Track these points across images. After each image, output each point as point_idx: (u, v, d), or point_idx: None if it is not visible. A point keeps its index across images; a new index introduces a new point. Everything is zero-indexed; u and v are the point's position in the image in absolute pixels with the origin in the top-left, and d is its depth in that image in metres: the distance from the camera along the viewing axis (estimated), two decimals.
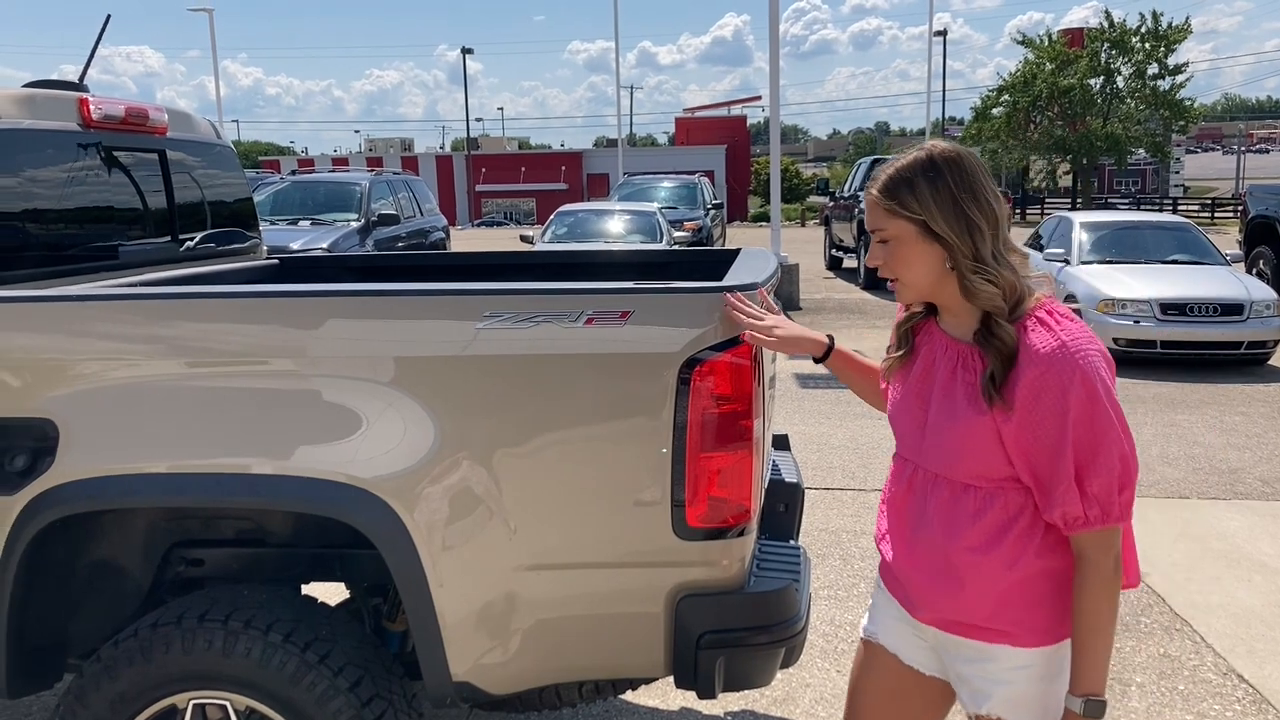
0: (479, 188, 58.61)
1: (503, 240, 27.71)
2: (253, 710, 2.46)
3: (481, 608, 2.41)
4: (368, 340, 2.49)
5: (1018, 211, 39.92)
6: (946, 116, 60.04)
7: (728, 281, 2.64)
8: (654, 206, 15.88)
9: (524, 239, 15.45)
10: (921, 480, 2.01)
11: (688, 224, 16.76)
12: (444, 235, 16.29)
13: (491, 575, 2.42)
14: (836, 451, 7.27)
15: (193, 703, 2.48)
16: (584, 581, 2.46)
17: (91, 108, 3.12)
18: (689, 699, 3.77)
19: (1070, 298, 10.82)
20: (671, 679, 2.60)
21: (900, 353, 2.07)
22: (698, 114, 63.18)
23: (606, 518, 2.44)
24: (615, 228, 14.66)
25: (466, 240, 29.39)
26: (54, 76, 3.43)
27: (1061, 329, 1.83)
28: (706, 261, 4.03)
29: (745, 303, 2.39)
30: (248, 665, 2.42)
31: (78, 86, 3.30)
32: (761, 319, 2.36)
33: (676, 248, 9.80)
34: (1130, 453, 1.83)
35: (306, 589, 2.94)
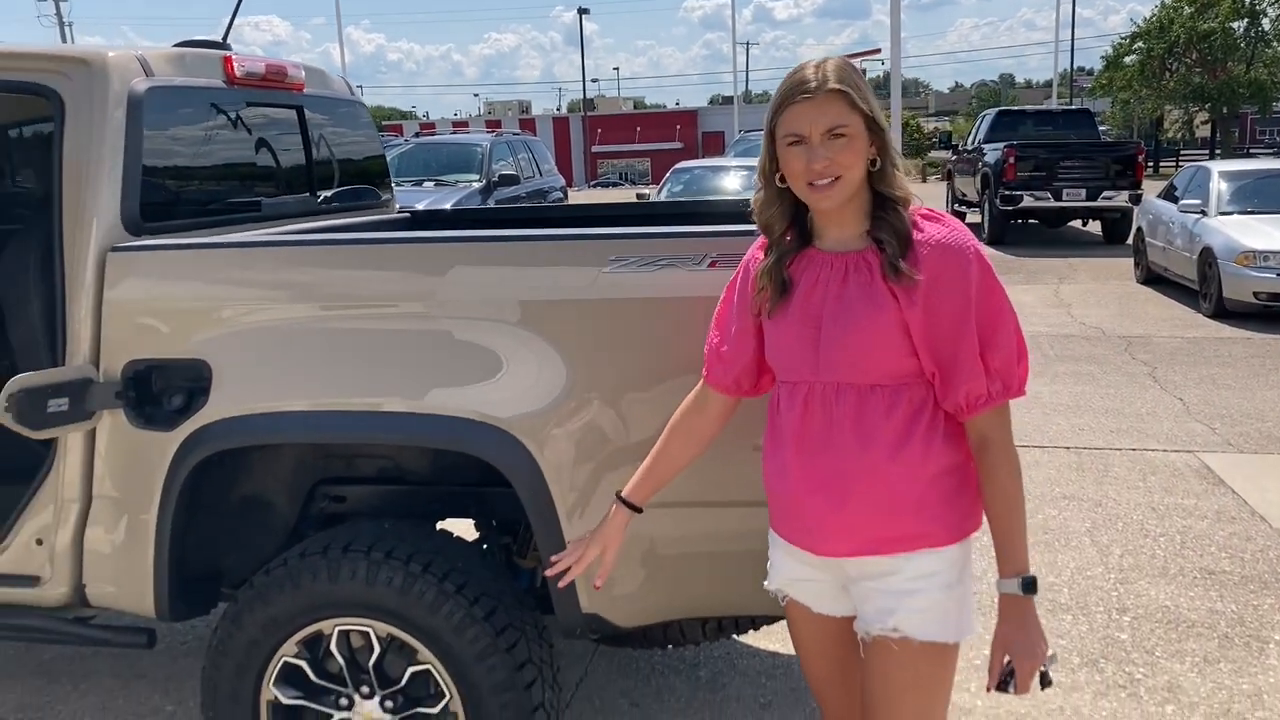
0: (595, 148, 58.81)
1: (618, 198, 27.80)
2: (393, 637, 2.59)
3: None
4: (495, 285, 2.57)
5: (1151, 165, 38.21)
6: (1075, 67, 57.76)
7: None
8: None
9: (640, 197, 15.48)
10: (821, 396, 1.95)
11: None
12: (562, 195, 16.46)
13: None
14: None
15: (338, 628, 2.62)
16: (710, 519, 2.51)
17: (235, 65, 3.25)
18: None
19: (1207, 251, 10.39)
20: None
21: (780, 295, 2.00)
22: None
23: (732, 457, 2.47)
24: (731, 183, 14.56)
25: (583, 200, 29.62)
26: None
27: (946, 222, 1.93)
28: None
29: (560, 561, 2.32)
30: (389, 594, 2.54)
31: (222, 45, 3.44)
32: (576, 561, 2.28)
33: None
34: (1019, 330, 1.91)
35: (441, 526, 3.05)
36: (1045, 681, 1.99)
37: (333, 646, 2.63)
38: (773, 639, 3.83)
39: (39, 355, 2.97)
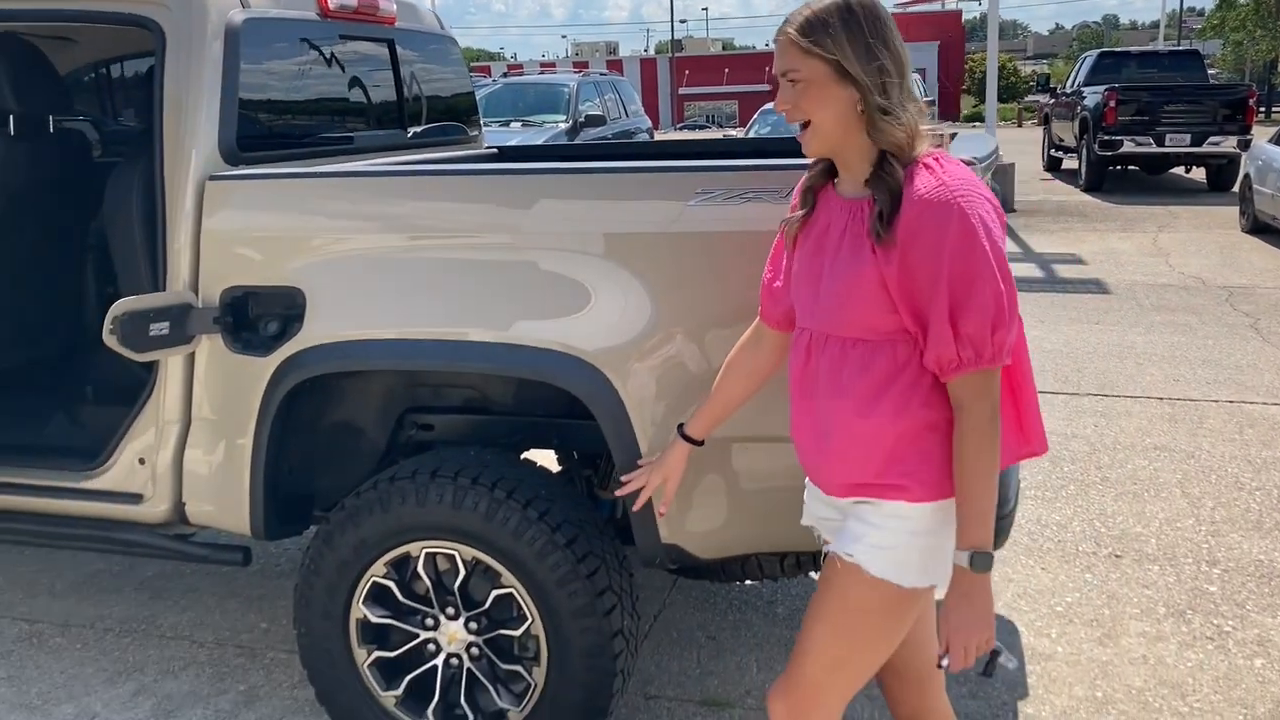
0: (682, 90, 58.25)
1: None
2: (478, 560, 2.65)
3: (691, 476, 2.49)
4: (580, 218, 2.58)
5: (1263, 109, 36.54)
6: (1185, 7, 55.36)
7: None
8: None
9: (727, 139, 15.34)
10: (813, 344, 1.97)
11: None
12: (649, 137, 16.36)
13: (704, 446, 2.50)
14: (1049, 355, 7.02)
15: (425, 551, 2.69)
16: (791, 454, 2.51)
17: None
18: None
19: None
20: None
21: (803, 212, 2.02)
22: (910, 9, 60.53)
23: None
24: None
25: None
26: None
27: (945, 172, 1.82)
28: None
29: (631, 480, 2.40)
30: (474, 519, 2.60)
31: None
32: (644, 485, 2.37)
33: None
34: (1007, 294, 1.79)
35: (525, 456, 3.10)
36: (988, 670, 1.93)
37: (420, 568, 2.70)
38: None
39: (141, 281, 3.07)
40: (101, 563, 4.10)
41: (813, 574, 3.26)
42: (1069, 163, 18.82)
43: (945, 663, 1.88)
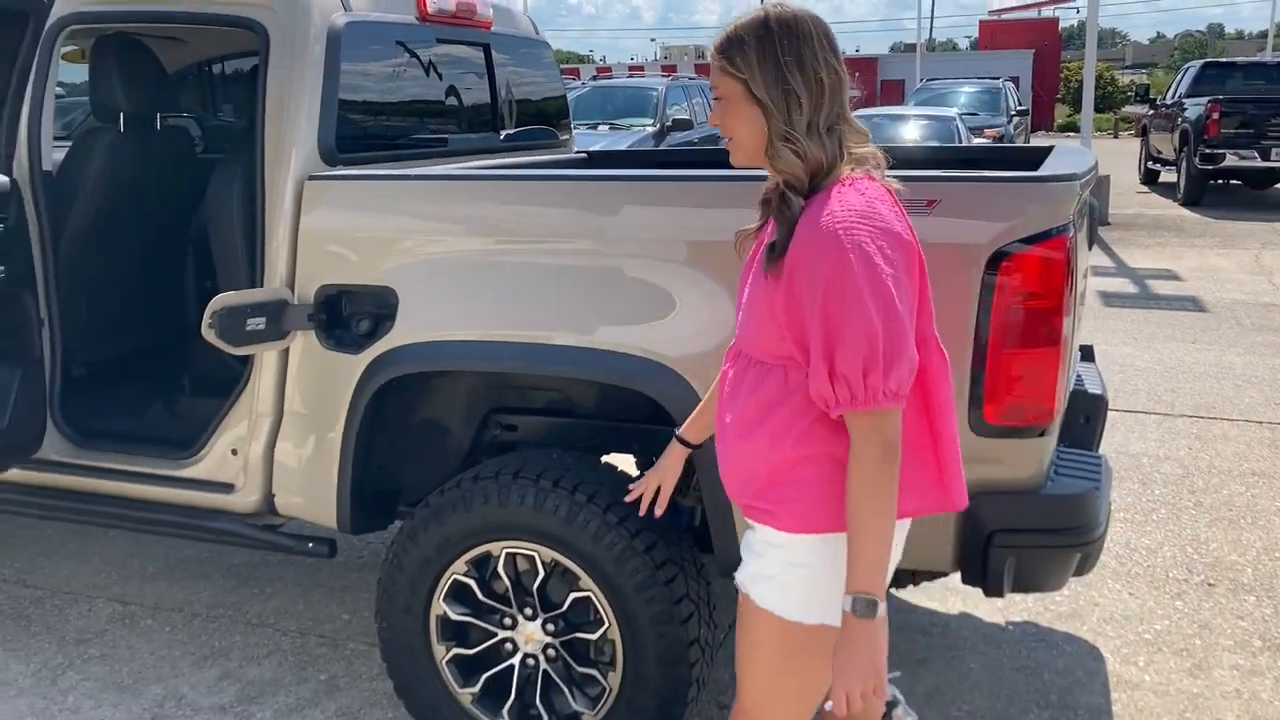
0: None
1: None
2: (557, 562, 2.67)
3: None
4: (665, 225, 2.59)
5: None
6: None
7: (1044, 172, 2.54)
8: (953, 112, 15.20)
9: None
10: (735, 356, 1.96)
11: (988, 131, 15.97)
12: None
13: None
14: (1142, 374, 6.83)
15: (505, 551, 2.72)
16: None
17: (427, 1, 3.34)
18: (966, 603, 3.74)
19: None
20: (955, 577, 2.61)
21: (756, 224, 1.96)
22: (1005, 16, 59.44)
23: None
24: (911, 133, 14.16)
25: None
26: None
27: (840, 201, 1.73)
28: (1015, 158, 3.85)
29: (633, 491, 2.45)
30: (555, 521, 2.62)
31: None
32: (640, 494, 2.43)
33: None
34: (886, 334, 1.69)
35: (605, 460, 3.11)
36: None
37: (500, 568, 2.73)
38: (930, 596, 3.77)
39: (239, 276, 3.15)
40: (191, 548, 4.21)
41: (893, 590, 3.22)
42: (1167, 176, 18.29)
43: (828, 706, 1.82)
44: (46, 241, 3.21)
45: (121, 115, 3.45)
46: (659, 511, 2.44)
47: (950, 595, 3.78)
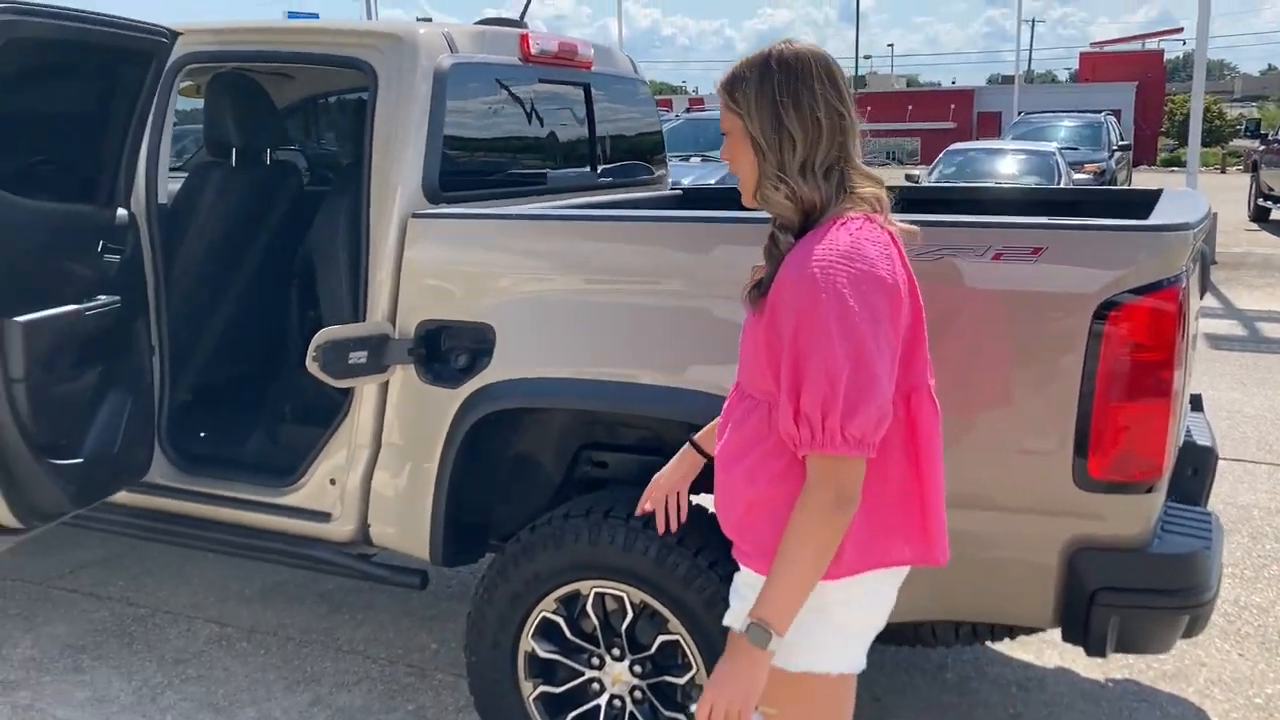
0: (862, 126, 57.56)
1: (885, 179, 27.13)
2: (646, 604, 2.65)
3: None
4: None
5: None
6: None
7: (1155, 220, 2.47)
8: (1052, 146, 14.94)
9: (909, 178, 15.10)
10: (733, 391, 1.99)
11: (1089, 166, 15.60)
12: None
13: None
14: (1250, 421, 6.58)
15: (594, 590, 2.71)
16: (975, 521, 2.42)
17: (531, 42, 3.40)
18: (1063, 658, 3.62)
19: None
20: (1054, 632, 2.54)
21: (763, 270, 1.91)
22: (1106, 48, 58.28)
23: (1003, 460, 2.39)
24: (1008, 168, 13.96)
25: None
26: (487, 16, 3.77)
27: (826, 241, 1.72)
28: (1122, 201, 3.76)
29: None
30: (644, 562, 2.61)
31: (519, 23, 3.60)
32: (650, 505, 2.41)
33: (1084, 187, 9.22)
34: (851, 380, 1.66)
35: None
36: None
37: (589, 607, 2.73)
38: (1027, 649, 3.67)
39: (341, 309, 3.23)
40: (286, 572, 4.29)
41: (989, 643, 3.14)
42: (1278, 213, 17.69)
43: (693, 709, 1.81)
44: (160, 271, 3.32)
45: (234, 150, 3.56)
46: (674, 528, 2.41)
47: (1047, 648, 3.66)
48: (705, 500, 2.99)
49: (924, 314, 1.88)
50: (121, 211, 3.15)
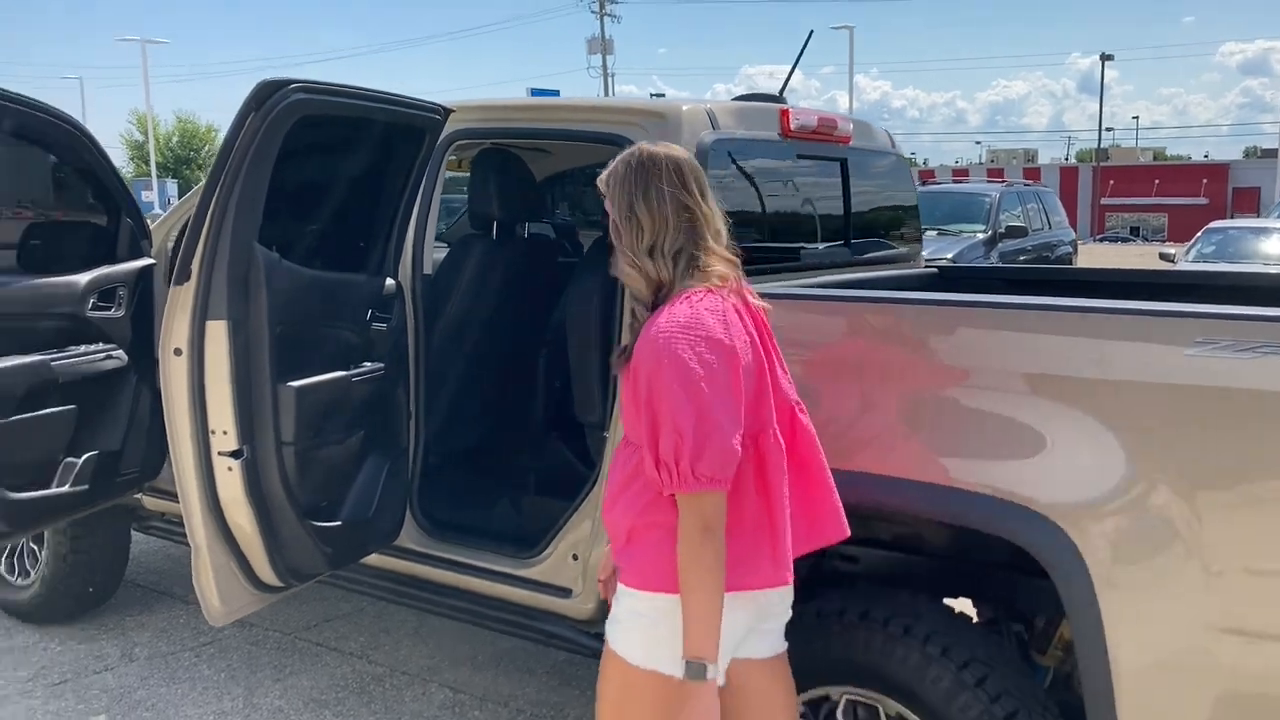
0: (1104, 200, 55.02)
1: (1131, 257, 25.71)
2: (902, 717, 2.46)
3: (1164, 662, 2.18)
4: (1051, 357, 2.37)
5: None
6: None
7: None
8: None
9: (1163, 256, 14.21)
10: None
11: None
12: (1070, 250, 15.48)
13: (1179, 629, 2.18)
14: None
15: (845, 697, 2.54)
16: None
17: (791, 118, 3.32)
18: None
19: None
20: None
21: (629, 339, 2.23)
22: None
23: None
24: (1273, 248, 12.90)
25: (1090, 255, 27.77)
26: (708, 95, 3.73)
27: (670, 314, 2.01)
28: None
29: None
30: (903, 671, 2.43)
31: (778, 99, 3.54)
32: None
33: None
34: (697, 428, 1.93)
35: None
36: None
37: (839, 714, 2.56)
38: None
39: (591, 379, 3.21)
40: (518, 639, 4.30)
41: None
42: None
43: None
44: (420, 338, 3.41)
45: (495, 223, 3.64)
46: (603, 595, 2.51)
47: None
48: (967, 607, 2.79)
49: (773, 365, 2.14)
50: (390, 281, 3.25)
